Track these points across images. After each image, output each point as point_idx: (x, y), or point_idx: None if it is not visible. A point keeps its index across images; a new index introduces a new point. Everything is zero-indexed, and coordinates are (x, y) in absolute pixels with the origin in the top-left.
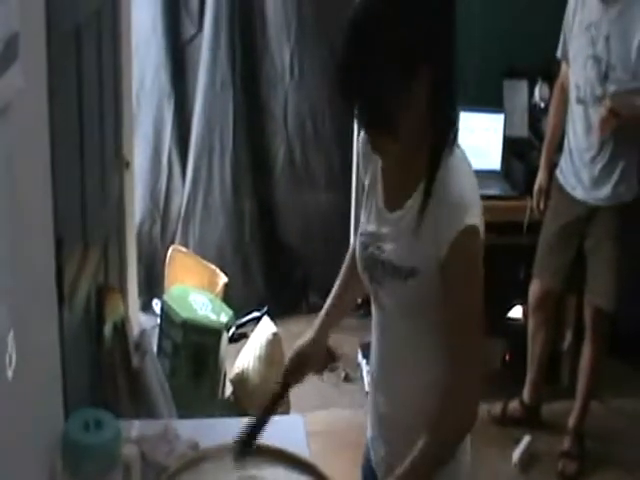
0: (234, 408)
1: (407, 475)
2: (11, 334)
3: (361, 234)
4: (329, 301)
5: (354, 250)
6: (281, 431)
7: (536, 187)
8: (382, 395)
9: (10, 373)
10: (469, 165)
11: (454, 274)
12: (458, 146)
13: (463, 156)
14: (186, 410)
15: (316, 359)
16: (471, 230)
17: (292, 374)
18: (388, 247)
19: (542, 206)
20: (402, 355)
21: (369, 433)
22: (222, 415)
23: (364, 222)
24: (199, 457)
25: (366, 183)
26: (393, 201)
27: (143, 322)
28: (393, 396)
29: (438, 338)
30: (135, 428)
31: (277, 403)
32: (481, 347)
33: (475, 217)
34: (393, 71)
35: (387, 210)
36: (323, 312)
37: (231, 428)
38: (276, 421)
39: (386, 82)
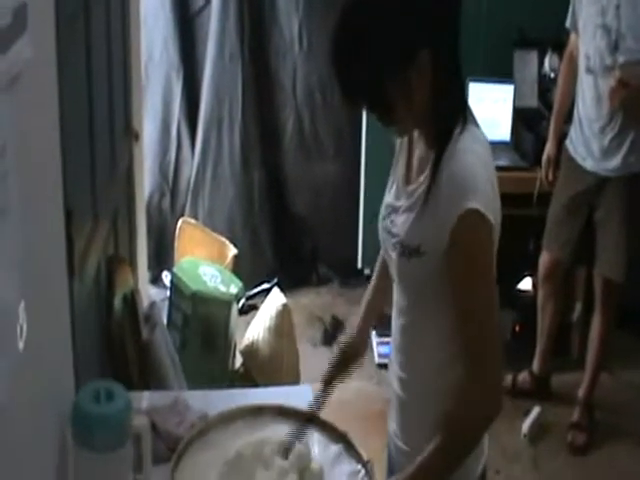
0: (244, 379)
1: (420, 470)
2: (22, 305)
3: (383, 206)
4: (369, 288)
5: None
6: (291, 401)
7: (545, 157)
8: (396, 373)
9: (21, 344)
10: (483, 143)
11: (457, 262)
12: (476, 123)
13: (478, 134)
14: (196, 382)
15: (361, 350)
16: (472, 214)
17: (338, 368)
18: (399, 220)
19: (550, 177)
20: (414, 334)
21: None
22: (232, 386)
23: (386, 194)
24: (206, 427)
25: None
26: (411, 174)
27: (153, 295)
28: (406, 375)
29: (447, 320)
30: (145, 399)
31: (325, 400)
32: (496, 335)
33: (478, 201)
34: (389, 56)
35: (405, 183)
36: (364, 303)
37: (241, 399)
38: (286, 391)
39: (382, 68)
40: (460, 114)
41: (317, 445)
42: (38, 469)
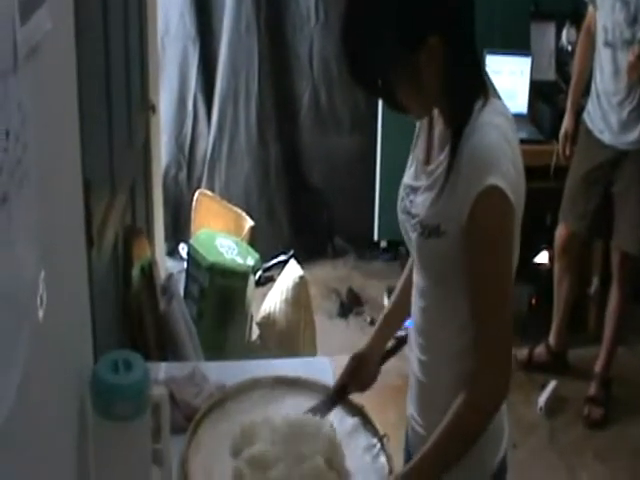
0: (261, 351)
1: (427, 456)
2: (42, 275)
3: (402, 186)
4: (387, 308)
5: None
6: (309, 373)
7: (562, 132)
8: (417, 355)
9: (41, 314)
10: (506, 115)
11: (476, 240)
12: (497, 96)
13: (499, 106)
14: (213, 353)
15: (370, 369)
16: (492, 191)
17: (347, 378)
18: (418, 200)
19: (568, 151)
20: (433, 316)
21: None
22: (249, 358)
23: (405, 175)
24: (223, 398)
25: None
26: (431, 153)
27: (170, 266)
28: (426, 358)
29: (466, 303)
30: (163, 370)
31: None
32: (509, 318)
33: (499, 177)
34: (397, 41)
35: (424, 162)
36: (380, 320)
37: (257, 370)
38: (303, 363)
39: (390, 53)
40: (478, 90)
41: (333, 418)
42: (58, 438)
